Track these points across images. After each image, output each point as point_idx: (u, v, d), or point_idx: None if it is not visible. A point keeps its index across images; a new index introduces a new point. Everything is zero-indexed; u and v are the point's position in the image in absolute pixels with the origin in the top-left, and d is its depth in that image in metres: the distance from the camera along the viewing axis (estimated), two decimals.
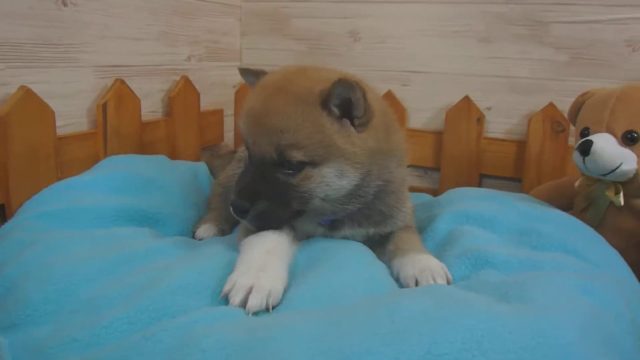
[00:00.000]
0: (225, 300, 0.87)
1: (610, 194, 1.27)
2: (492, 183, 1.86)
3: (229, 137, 2.22)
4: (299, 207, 1.05)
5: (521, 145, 1.78)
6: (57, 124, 1.40)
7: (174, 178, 1.53)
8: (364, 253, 1.11)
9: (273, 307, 0.86)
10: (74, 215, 1.19)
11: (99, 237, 1.11)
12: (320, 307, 0.85)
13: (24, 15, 1.33)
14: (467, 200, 1.38)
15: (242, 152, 1.51)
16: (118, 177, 1.37)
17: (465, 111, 1.80)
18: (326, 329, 0.75)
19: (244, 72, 1.16)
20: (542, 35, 1.73)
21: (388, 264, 1.11)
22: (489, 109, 1.82)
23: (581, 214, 1.38)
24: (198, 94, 1.95)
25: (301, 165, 1.01)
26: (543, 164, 1.73)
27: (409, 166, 1.22)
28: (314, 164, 1.01)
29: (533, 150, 1.74)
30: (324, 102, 1.00)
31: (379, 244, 1.18)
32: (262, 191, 1.02)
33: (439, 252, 1.17)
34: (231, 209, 1.03)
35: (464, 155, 1.83)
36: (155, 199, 1.37)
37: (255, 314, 0.84)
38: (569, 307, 0.84)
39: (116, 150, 1.58)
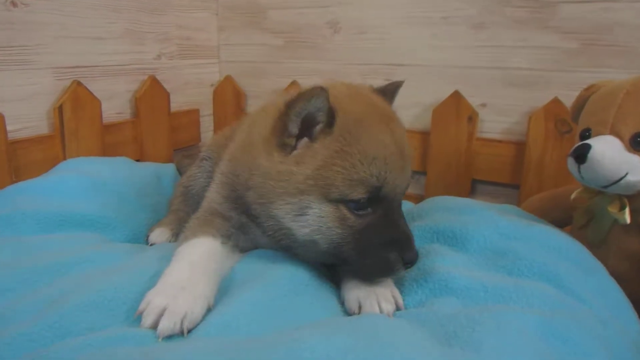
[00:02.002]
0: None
1: (613, 209, 1.04)
2: (486, 189, 1.64)
3: (207, 137, 2.07)
4: None
5: (520, 147, 1.55)
6: (14, 127, 1.38)
7: (131, 180, 1.45)
8: (309, 271, 0.97)
9: (189, 330, 0.77)
10: (16, 221, 1.14)
11: (32, 244, 1.05)
12: (234, 334, 0.76)
13: None
14: (441, 213, 1.19)
15: (205, 152, 1.40)
16: (67, 180, 1.33)
17: (454, 108, 1.59)
18: None
19: (320, 94, 0.84)
20: (547, 19, 1.49)
21: (338, 284, 0.98)
22: (483, 105, 1.60)
23: (581, 232, 1.15)
24: (167, 94, 1.83)
25: None
26: (545, 169, 1.50)
27: None
28: None
29: (533, 153, 1.51)
30: None
31: None
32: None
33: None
34: (403, 265, 0.88)
35: (452, 158, 1.61)
36: (105, 202, 1.30)
37: (169, 337, 0.75)
38: (522, 357, 0.66)
39: (75, 153, 1.54)
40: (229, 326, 0.77)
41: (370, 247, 0.87)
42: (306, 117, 0.86)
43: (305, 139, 0.88)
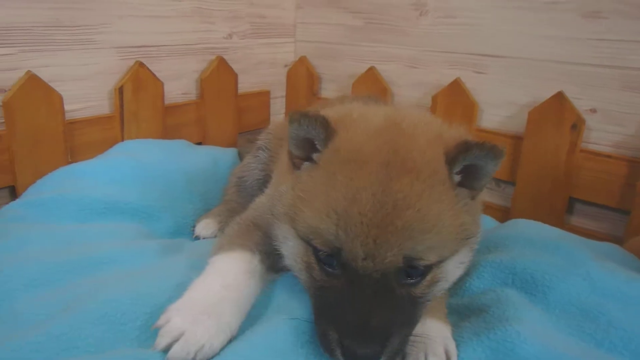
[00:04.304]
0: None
1: None
2: (587, 211, 1.38)
3: (278, 120, 1.96)
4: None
5: (635, 165, 1.27)
6: (74, 107, 1.38)
7: (184, 166, 1.40)
8: None
9: None
10: (59, 205, 1.12)
11: (67, 235, 1.02)
12: None
13: None
14: (521, 246, 1.01)
15: (262, 141, 1.35)
16: (116, 165, 1.30)
17: (557, 113, 1.33)
18: None
19: (301, 118, 0.75)
20: None
21: None
22: (592, 111, 1.33)
23: None
24: (235, 75, 1.74)
25: (428, 269, 0.74)
26: None
27: None
28: (442, 261, 0.75)
29: None
30: (450, 171, 0.75)
31: None
32: (390, 321, 0.70)
33: (459, 321, 0.86)
34: (342, 353, 0.69)
35: (549, 171, 1.37)
36: (151, 190, 1.27)
37: None
38: None
39: (135, 134, 1.52)
40: None
41: (323, 313, 0.74)
42: (303, 141, 0.78)
43: (306, 163, 0.80)
